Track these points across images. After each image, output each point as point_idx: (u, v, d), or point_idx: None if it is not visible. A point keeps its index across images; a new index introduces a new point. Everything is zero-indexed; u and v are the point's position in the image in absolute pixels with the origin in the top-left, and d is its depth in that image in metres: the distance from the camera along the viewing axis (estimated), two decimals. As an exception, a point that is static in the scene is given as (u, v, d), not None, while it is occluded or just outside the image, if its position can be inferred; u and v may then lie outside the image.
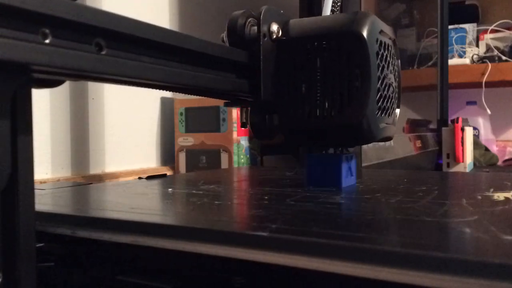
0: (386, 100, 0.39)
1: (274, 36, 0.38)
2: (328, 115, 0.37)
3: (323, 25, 0.38)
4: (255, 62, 0.37)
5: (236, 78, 0.36)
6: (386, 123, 0.39)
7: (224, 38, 0.38)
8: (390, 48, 0.40)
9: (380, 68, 0.37)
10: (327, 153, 0.42)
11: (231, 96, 0.39)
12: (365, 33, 0.35)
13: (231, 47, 0.37)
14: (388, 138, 0.41)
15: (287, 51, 0.38)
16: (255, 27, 0.37)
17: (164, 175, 0.55)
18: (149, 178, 0.52)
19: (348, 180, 0.42)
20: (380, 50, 0.37)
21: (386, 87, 0.38)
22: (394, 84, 0.41)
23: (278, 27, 0.39)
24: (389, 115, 0.40)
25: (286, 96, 0.39)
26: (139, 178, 0.53)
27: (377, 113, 0.37)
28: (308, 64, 0.38)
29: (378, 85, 0.36)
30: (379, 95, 0.37)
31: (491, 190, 0.38)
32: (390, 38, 0.40)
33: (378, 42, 0.37)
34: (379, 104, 0.37)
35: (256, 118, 0.40)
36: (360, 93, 0.36)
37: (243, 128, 0.63)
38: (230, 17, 0.37)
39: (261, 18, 0.37)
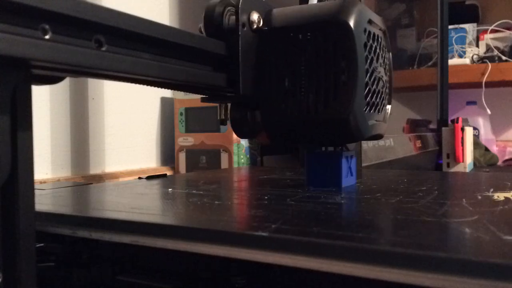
0: (375, 95, 0.36)
1: (255, 26, 0.36)
2: (313, 111, 0.35)
3: (308, 14, 0.35)
4: (234, 54, 0.34)
5: (213, 71, 0.34)
6: (376, 120, 0.37)
7: (202, 29, 0.35)
8: (380, 39, 0.37)
9: (368, 61, 0.35)
10: (327, 152, 0.40)
11: (209, 90, 0.36)
12: (351, 22, 0.33)
13: (207, 37, 0.34)
14: (379, 136, 0.39)
15: (269, 42, 0.36)
16: (234, 17, 0.35)
17: (164, 175, 0.55)
18: (149, 178, 0.53)
19: (348, 180, 0.41)
20: (368, 41, 0.35)
21: (375, 81, 0.36)
22: (385, 78, 0.39)
23: (259, 16, 0.36)
24: (379, 112, 0.38)
25: (268, 90, 0.36)
26: (139, 178, 0.53)
27: (366, 108, 0.35)
28: (292, 56, 0.35)
29: (366, 79, 0.34)
30: (367, 89, 0.35)
31: (491, 190, 0.38)
32: (380, 29, 0.38)
33: (367, 33, 0.35)
34: (367, 99, 0.35)
35: (237, 115, 0.37)
36: (346, 87, 0.33)
37: (222, 125, 0.61)
38: (207, 6, 0.35)
39: (239, 6, 0.34)
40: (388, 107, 0.41)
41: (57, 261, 0.31)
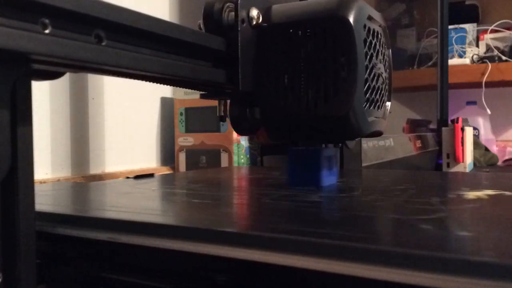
0: (375, 92, 0.36)
1: (254, 22, 0.36)
2: (312, 107, 0.35)
3: (307, 10, 0.35)
4: (233, 50, 0.34)
5: (212, 68, 0.34)
6: (376, 117, 0.37)
7: (201, 25, 0.35)
8: (379, 35, 0.37)
9: (368, 57, 0.34)
10: (307, 151, 0.40)
11: (208, 87, 0.36)
12: (351, 18, 0.33)
13: (207, 33, 0.34)
14: (378, 133, 0.39)
15: (268, 39, 0.36)
16: (233, 13, 0.35)
17: (152, 175, 0.55)
18: (137, 177, 0.53)
19: (329, 179, 0.41)
20: (368, 37, 0.35)
21: (375, 78, 0.36)
22: (384, 75, 0.39)
23: (258, 13, 0.36)
24: (378, 108, 0.38)
25: (267, 87, 0.36)
26: (127, 177, 0.53)
27: (365, 105, 0.35)
28: (291, 52, 0.35)
29: (366, 75, 0.34)
30: (367, 85, 0.35)
31: (466, 189, 0.38)
32: (380, 26, 0.38)
33: (366, 29, 0.35)
34: (367, 96, 0.35)
35: (236, 111, 0.37)
36: (346, 83, 0.33)
37: (221, 122, 0.62)
38: (206, 2, 0.35)
39: (238, 2, 0.34)
40: (388, 104, 0.41)
41: (44, 259, 0.31)
